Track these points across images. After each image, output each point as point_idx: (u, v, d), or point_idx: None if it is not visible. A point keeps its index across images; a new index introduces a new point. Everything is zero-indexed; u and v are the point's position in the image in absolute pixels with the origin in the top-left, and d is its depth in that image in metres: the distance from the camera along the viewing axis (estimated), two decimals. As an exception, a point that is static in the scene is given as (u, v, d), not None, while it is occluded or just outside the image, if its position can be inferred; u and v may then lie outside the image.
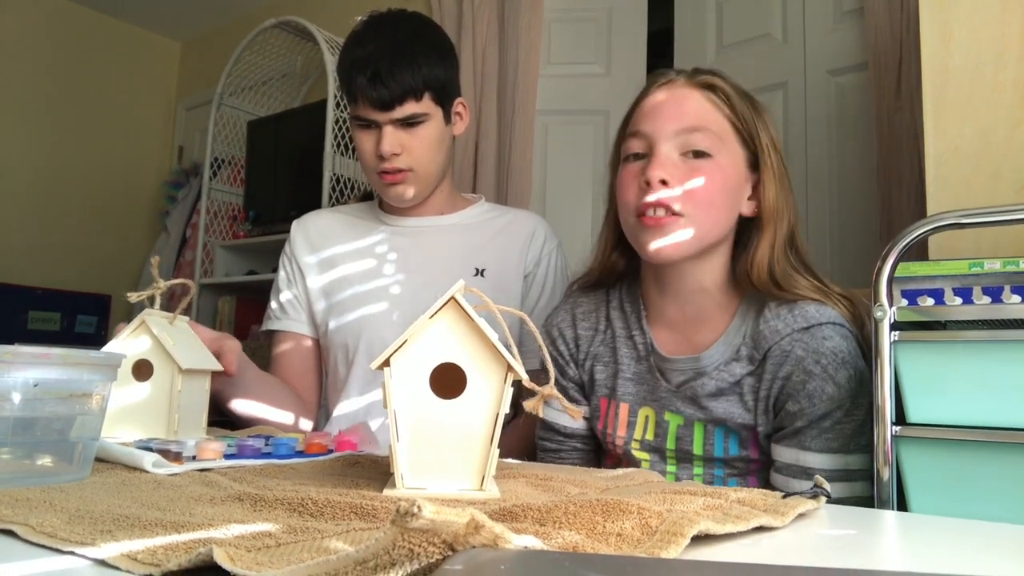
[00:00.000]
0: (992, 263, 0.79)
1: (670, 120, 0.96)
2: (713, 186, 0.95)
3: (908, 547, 0.54)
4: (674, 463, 1.00)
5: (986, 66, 1.02)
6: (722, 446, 0.96)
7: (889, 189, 1.71)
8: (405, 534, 0.33)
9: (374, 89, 1.26)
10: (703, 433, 0.97)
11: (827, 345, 0.90)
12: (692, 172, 0.94)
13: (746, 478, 0.97)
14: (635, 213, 0.96)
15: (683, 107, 0.97)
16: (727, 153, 0.97)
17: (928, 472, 0.78)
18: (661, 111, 0.97)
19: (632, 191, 0.96)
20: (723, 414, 0.95)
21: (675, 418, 0.99)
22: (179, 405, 0.87)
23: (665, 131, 0.95)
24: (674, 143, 0.95)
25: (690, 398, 0.98)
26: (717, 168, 0.95)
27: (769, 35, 2.18)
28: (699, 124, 0.96)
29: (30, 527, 0.44)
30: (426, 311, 0.62)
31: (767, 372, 0.93)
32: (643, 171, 0.95)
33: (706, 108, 0.97)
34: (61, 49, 3.62)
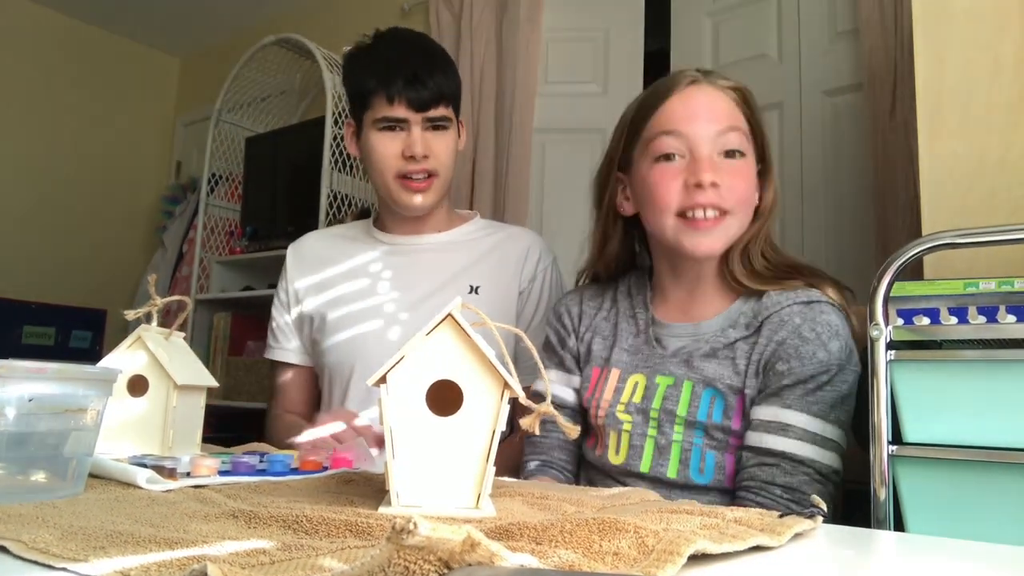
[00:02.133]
0: (987, 283, 0.79)
1: (710, 122, 0.98)
2: (750, 184, 1.00)
3: (905, 568, 0.53)
4: (655, 425, 0.99)
5: (980, 87, 1.03)
6: (706, 410, 0.96)
7: (884, 209, 1.72)
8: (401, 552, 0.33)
9: (413, 89, 1.30)
10: (690, 393, 0.98)
11: (823, 317, 0.94)
12: (733, 173, 0.98)
13: (723, 454, 0.96)
14: (679, 212, 0.98)
15: (718, 108, 0.99)
16: (750, 151, 1.01)
17: (925, 492, 0.78)
18: (698, 111, 0.99)
19: (673, 192, 0.98)
20: (713, 374, 0.97)
21: (665, 379, 1.00)
22: (174, 421, 0.86)
23: (707, 133, 0.97)
24: (714, 144, 0.97)
25: (684, 360, 1.00)
26: (749, 166, 1.00)
27: (765, 55, 2.19)
28: (734, 124, 0.99)
29: (23, 543, 0.44)
30: (422, 328, 0.62)
31: (762, 336, 0.96)
32: (690, 172, 0.97)
33: (734, 108, 1.01)
34: (60, 64, 3.63)
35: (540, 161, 2.43)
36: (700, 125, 0.98)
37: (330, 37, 2.92)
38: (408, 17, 2.85)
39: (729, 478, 0.95)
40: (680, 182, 0.97)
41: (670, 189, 0.98)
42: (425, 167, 1.33)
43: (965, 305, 0.79)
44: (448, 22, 2.60)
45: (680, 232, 0.99)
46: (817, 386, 0.91)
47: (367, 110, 1.34)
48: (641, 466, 0.99)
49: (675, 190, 0.98)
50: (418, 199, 1.35)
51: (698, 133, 0.97)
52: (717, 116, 0.98)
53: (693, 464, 0.96)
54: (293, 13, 3.40)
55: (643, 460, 0.99)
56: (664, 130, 1.00)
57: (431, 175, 1.35)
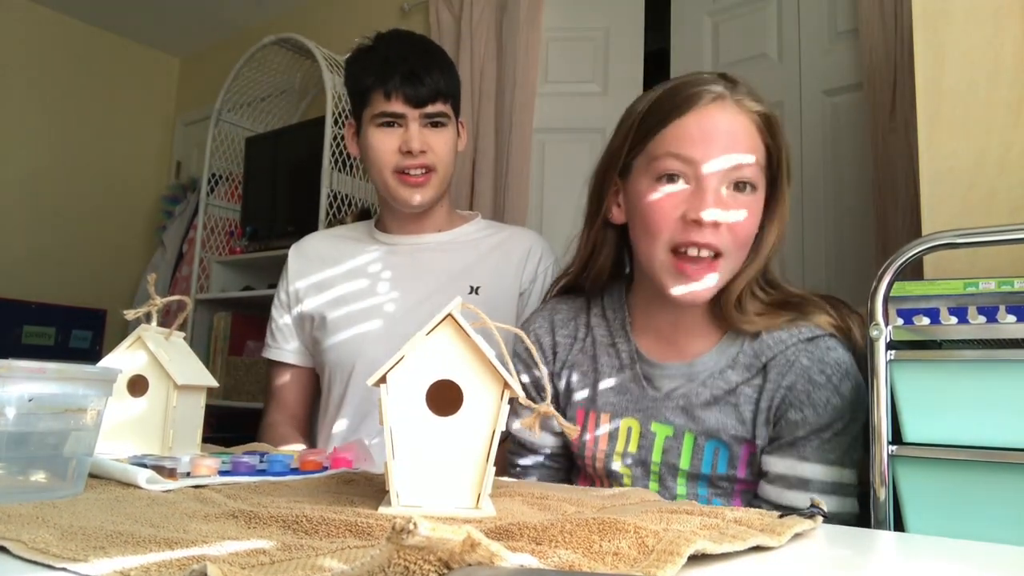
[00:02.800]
0: (987, 283, 0.79)
1: (725, 150, 0.88)
2: (754, 223, 0.91)
3: (904, 567, 0.53)
4: (657, 479, 0.95)
5: (980, 86, 1.03)
6: (711, 462, 0.92)
7: (884, 209, 1.72)
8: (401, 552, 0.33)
9: (411, 85, 1.31)
10: (692, 446, 0.93)
11: (831, 356, 0.90)
12: (738, 208, 0.89)
13: (730, 499, 0.93)
14: (670, 248, 0.90)
15: (737, 135, 0.89)
16: (761, 183, 0.92)
17: (924, 492, 0.78)
18: (716, 138, 0.88)
19: (670, 222, 0.89)
20: (716, 424, 0.92)
21: (663, 429, 0.94)
22: (174, 421, 0.86)
23: (720, 164, 0.88)
24: (726, 176, 0.89)
25: (681, 407, 0.94)
26: (757, 202, 0.91)
27: (765, 55, 2.19)
28: (749, 156, 0.90)
29: (23, 543, 0.44)
30: (422, 328, 0.62)
31: (770, 381, 0.90)
32: (691, 205, 0.88)
33: (754, 136, 0.91)
34: (60, 64, 3.63)
35: (540, 161, 2.43)
36: (712, 152, 0.88)
37: (330, 37, 2.92)
38: (408, 17, 2.85)
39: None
40: (680, 213, 0.88)
41: (667, 218, 0.89)
42: (423, 162, 1.34)
43: (965, 305, 0.79)
44: (448, 22, 2.60)
45: (668, 273, 0.90)
46: (833, 434, 0.88)
47: (366, 107, 1.36)
48: None
49: (672, 220, 0.89)
50: (416, 194, 1.36)
51: (710, 163, 0.88)
52: (734, 144, 0.89)
53: None
54: (293, 13, 3.40)
55: None
56: (673, 152, 0.89)
57: (429, 170, 1.35)
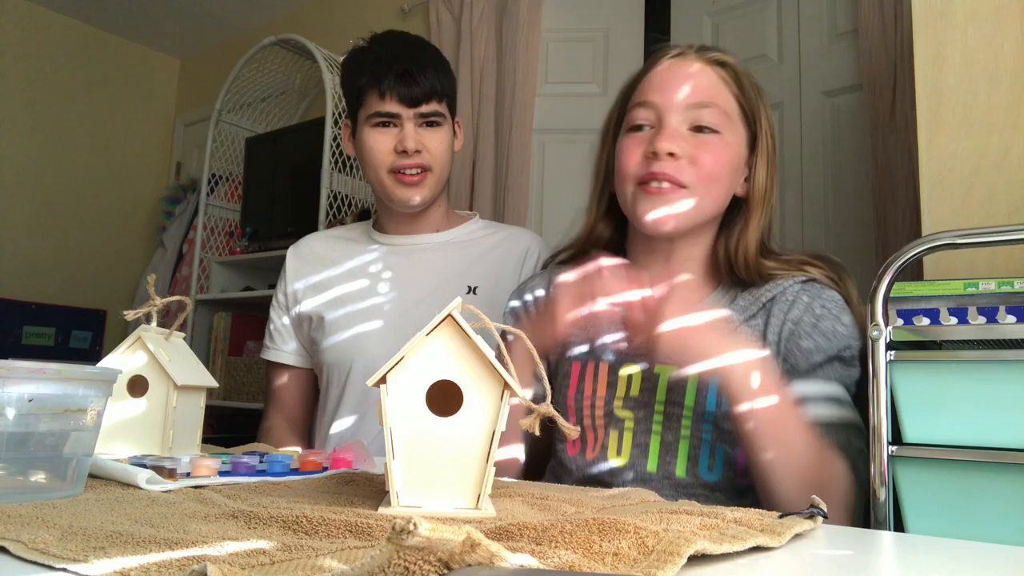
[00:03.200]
0: (987, 283, 0.79)
1: (681, 92, 0.95)
2: (719, 162, 0.95)
3: (905, 568, 0.53)
4: (660, 420, 0.95)
5: (980, 87, 1.03)
6: (715, 399, 0.92)
7: (884, 209, 1.72)
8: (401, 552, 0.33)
9: (404, 84, 1.31)
10: (696, 382, 0.94)
11: (827, 293, 0.95)
12: (699, 147, 0.94)
13: (734, 449, 0.92)
14: (636, 182, 0.96)
15: (694, 81, 0.96)
16: (732, 131, 0.97)
17: (925, 492, 0.78)
18: (672, 83, 0.96)
19: (635, 160, 0.96)
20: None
21: (666, 369, 0.95)
22: (174, 421, 0.86)
23: (675, 104, 0.95)
24: (683, 117, 0.95)
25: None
26: (723, 145, 0.96)
27: (765, 55, 2.19)
28: (709, 100, 0.96)
29: (22, 543, 0.44)
30: (421, 328, 0.62)
31: (774, 316, 0.94)
32: (650, 141, 0.94)
33: (716, 84, 0.97)
34: (60, 64, 3.63)
35: (540, 161, 2.43)
36: (670, 95, 0.95)
37: (330, 38, 2.92)
38: (408, 18, 2.85)
39: (739, 475, 0.92)
40: (642, 151, 0.95)
41: (632, 157, 0.96)
42: (418, 162, 1.34)
43: (965, 306, 0.79)
44: (448, 23, 2.60)
45: (637, 200, 0.96)
46: (845, 362, 0.92)
47: (361, 107, 1.36)
48: (648, 466, 0.94)
49: (636, 158, 0.96)
50: (412, 194, 1.36)
51: (666, 103, 0.95)
52: (692, 89, 0.95)
53: (702, 462, 0.93)
54: (293, 14, 3.40)
55: (650, 459, 0.94)
56: (638, 100, 0.98)
57: (424, 170, 1.35)
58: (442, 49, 1.55)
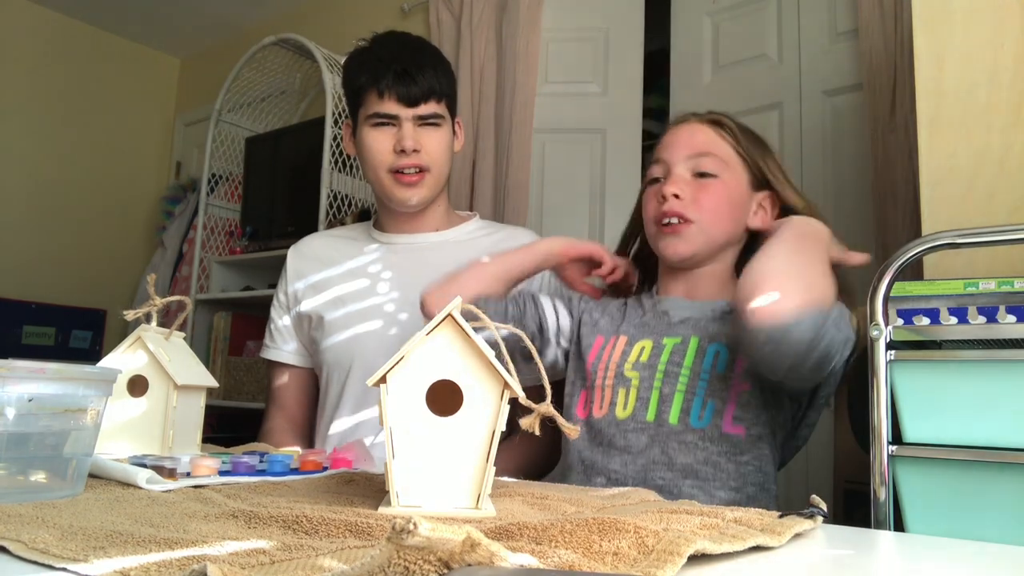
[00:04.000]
0: (987, 283, 0.79)
1: (683, 148, 1.15)
2: (717, 198, 1.12)
3: (905, 568, 0.53)
4: (661, 377, 1.08)
5: (980, 87, 1.03)
6: (711, 361, 1.05)
7: (884, 209, 1.72)
8: (401, 552, 0.33)
9: (403, 84, 1.31)
10: (696, 347, 1.07)
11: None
12: (700, 189, 1.12)
13: (724, 402, 1.03)
14: (655, 223, 1.14)
15: (694, 138, 1.16)
16: (731, 174, 1.14)
17: (925, 492, 0.78)
18: (677, 141, 1.16)
19: (652, 206, 1.15)
20: (718, 331, 1.07)
21: (672, 340, 1.10)
22: (174, 421, 0.86)
23: (679, 156, 1.14)
24: (686, 166, 1.13)
25: (690, 324, 1.11)
26: (722, 185, 1.12)
27: (765, 55, 2.19)
28: (706, 151, 1.14)
29: (22, 543, 0.44)
30: (421, 328, 0.62)
31: None
32: (661, 189, 1.13)
33: (713, 139, 1.15)
34: (60, 64, 3.63)
35: (540, 161, 2.43)
36: (674, 151, 1.15)
37: (330, 37, 2.92)
38: (408, 18, 2.85)
39: (727, 422, 1.02)
40: (657, 198, 1.13)
41: (651, 203, 1.15)
42: (416, 162, 1.34)
43: (965, 305, 0.79)
44: (448, 22, 2.60)
45: (657, 238, 1.15)
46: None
47: (360, 107, 1.36)
48: (647, 415, 1.06)
49: (653, 205, 1.14)
50: (410, 193, 1.36)
51: (671, 157, 1.14)
52: (691, 144, 1.14)
53: (694, 412, 1.04)
54: (293, 13, 3.40)
55: (649, 410, 1.07)
56: (654, 159, 1.19)
57: (422, 170, 1.35)
58: (442, 49, 1.55)
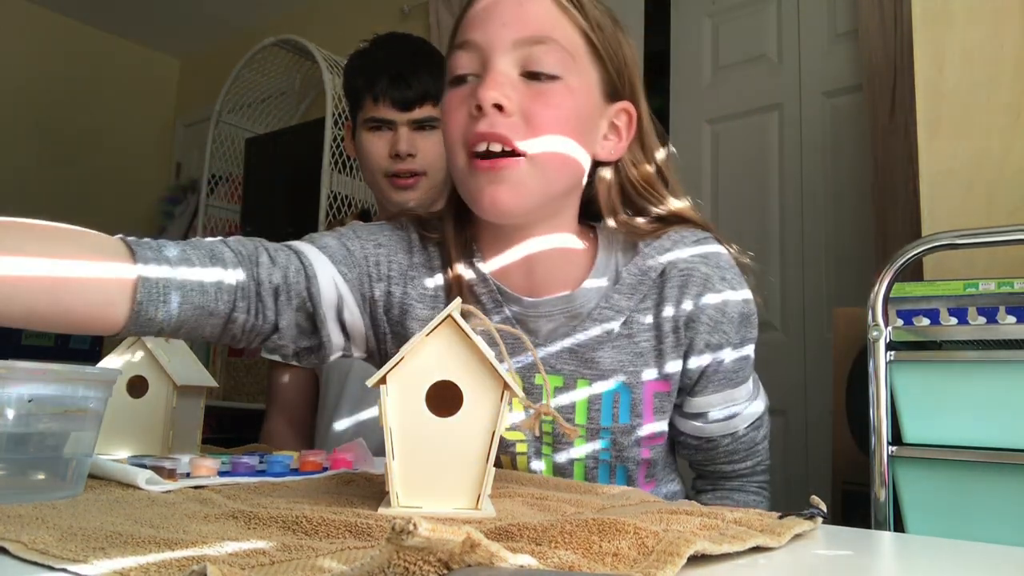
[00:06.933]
0: (987, 284, 0.79)
1: (507, 27, 0.73)
2: (563, 114, 0.74)
3: (904, 568, 0.53)
4: (550, 442, 0.81)
5: (979, 88, 1.03)
6: (610, 412, 0.79)
7: (884, 210, 1.72)
8: (400, 552, 0.33)
9: (397, 88, 1.31)
10: (587, 397, 0.79)
11: (723, 257, 0.81)
12: (535, 97, 0.73)
13: (636, 466, 0.81)
14: (465, 149, 0.74)
15: (525, 10, 0.74)
16: (579, 76, 0.76)
17: (924, 492, 0.78)
18: (496, 14, 0.74)
19: (459, 120, 0.74)
20: (613, 365, 0.79)
21: (552, 380, 0.79)
22: (173, 422, 0.86)
23: (501, 40, 0.73)
24: (512, 57, 0.74)
25: (568, 351, 0.80)
26: (567, 92, 0.74)
27: (765, 56, 2.19)
28: (544, 34, 0.74)
29: (22, 544, 0.44)
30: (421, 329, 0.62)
31: (668, 294, 0.79)
32: (473, 93, 0.73)
33: (554, 13, 0.75)
34: (60, 64, 3.63)
35: (540, 162, 2.43)
36: (495, 30, 0.74)
37: (330, 38, 2.92)
38: (408, 19, 2.85)
39: (642, 485, 0.84)
40: (467, 109, 0.74)
41: (455, 119, 0.75)
42: (411, 167, 1.34)
43: (965, 306, 0.79)
44: (448, 23, 2.60)
45: (468, 177, 0.75)
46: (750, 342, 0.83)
47: (359, 110, 1.37)
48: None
49: (460, 119, 0.74)
50: (406, 197, 1.36)
51: (492, 41, 0.73)
52: (521, 21, 0.73)
53: (601, 480, 0.82)
54: (293, 14, 3.40)
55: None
56: (457, 41, 0.77)
57: (417, 175, 1.36)
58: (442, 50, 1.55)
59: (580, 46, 0.76)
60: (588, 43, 0.77)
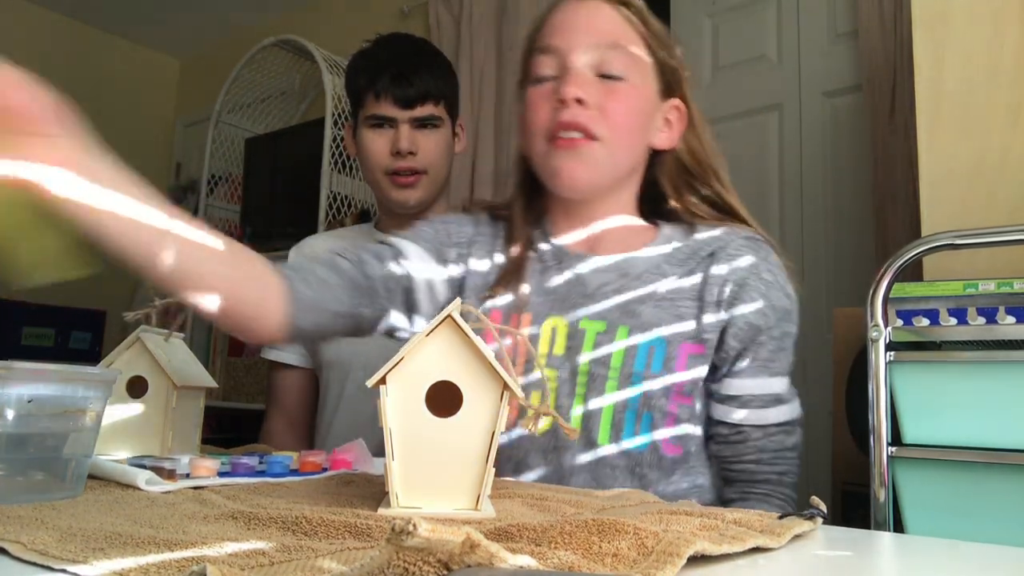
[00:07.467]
0: (986, 284, 0.79)
1: (584, 35, 0.89)
2: (631, 111, 0.89)
3: (904, 569, 0.53)
4: (585, 382, 0.88)
5: (979, 88, 1.03)
6: (644, 360, 0.86)
7: (884, 210, 1.72)
8: (400, 553, 0.33)
9: (399, 86, 1.32)
10: (626, 340, 0.87)
11: (773, 257, 0.91)
12: (608, 94, 0.88)
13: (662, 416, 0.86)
14: (547, 136, 0.88)
15: (599, 23, 0.90)
16: (641, 76, 0.91)
17: (924, 493, 0.78)
18: (574, 23, 0.90)
19: (544, 112, 0.89)
20: (653, 320, 0.87)
21: (594, 325, 0.89)
22: (173, 422, 0.86)
23: (579, 46, 0.88)
24: (588, 60, 0.88)
25: (614, 303, 0.90)
26: (634, 91, 0.90)
27: (764, 56, 2.19)
28: (615, 40, 0.89)
29: (21, 544, 0.44)
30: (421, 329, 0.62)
31: (714, 272, 0.89)
32: (556, 91, 0.88)
33: (622, 26, 0.90)
34: (60, 65, 3.63)
35: (540, 162, 2.43)
36: (572, 37, 0.89)
37: (330, 39, 2.92)
38: (408, 19, 2.85)
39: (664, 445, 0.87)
40: (550, 103, 0.88)
41: (541, 109, 0.89)
42: (411, 164, 1.35)
43: (965, 306, 0.79)
44: (448, 23, 2.60)
45: (548, 156, 0.88)
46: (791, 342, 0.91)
47: (360, 108, 1.37)
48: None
49: (544, 112, 0.88)
50: (407, 195, 1.37)
51: (571, 46, 0.88)
52: (595, 30, 0.89)
53: (627, 429, 0.86)
54: (293, 15, 3.40)
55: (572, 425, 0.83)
56: (540, 46, 0.92)
57: (418, 173, 1.36)
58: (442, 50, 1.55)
59: (642, 51, 0.91)
60: (648, 50, 0.92)
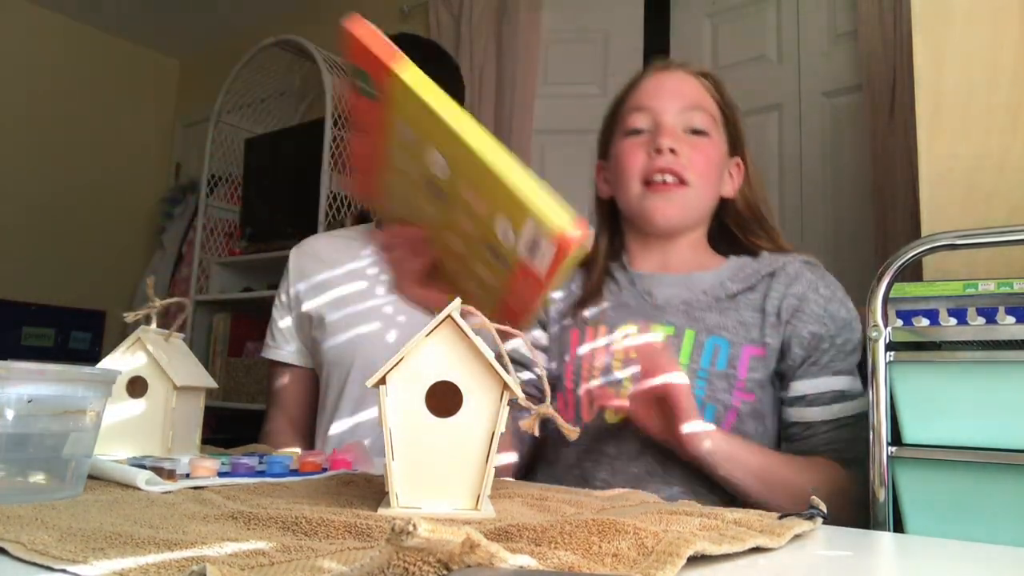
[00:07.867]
0: (986, 284, 0.79)
1: (675, 98, 1.05)
2: (711, 162, 1.05)
3: (904, 569, 0.53)
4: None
5: (979, 89, 1.03)
6: (710, 358, 0.97)
7: (883, 210, 1.72)
8: (400, 553, 0.33)
9: None
10: (693, 342, 0.98)
11: (829, 277, 1.03)
12: (693, 146, 1.03)
13: (724, 409, 0.94)
14: (642, 180, 1.03)
15: (685, 89, 1.06)
16: (718, 134, 1.07)
17: (924, 493, 0.78)
18: (665, 89, 1.06)
19: (639, 160, 1.03)
20: (717, 323, 0.98)
21: (664, 329, 1.00)
22: (173, 422, 0.86)
23: (671, 107, 1.04)
24: (678, 119, 1.04)
25: (682, 311, 1.01)
26: (713, 146, 1.05)
27: (764, 56, 2.19)
28: (699, 104, 1.05)
29: (21, 544, 0.44)
30: (420, 330, 0.62)
31: (775, 289, 0.99)
32: (651, 142, 1.03)
33: (702, 92, 1.07)
34: (60, 65, 3.63)
35: (540, 162, 2.43)
36: (664, 100, 1.05)
37: (330, 39, 2.91)
38: (408, 19, 2.85)
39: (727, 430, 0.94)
40: (645, 151, 1.03)
41: (635, 157, 1.04)
42: None
43: (964, 306, 0.79)
44: (448, 23, 2.60)
45: (643, 198, 1.03)
46: (853, 346, 0.98)
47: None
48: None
49: (640, 158, 1.03)
50: None
51: (662, 107, 1.04)
52: (683, 94, 1.05)
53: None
54: (293, 15, 3.40)
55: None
56: (634, 106, 1.07)
57: None
58: (442, 50, 1.55)
59: (717, 115, 1.07)
60: (721, 113, 1.08)
